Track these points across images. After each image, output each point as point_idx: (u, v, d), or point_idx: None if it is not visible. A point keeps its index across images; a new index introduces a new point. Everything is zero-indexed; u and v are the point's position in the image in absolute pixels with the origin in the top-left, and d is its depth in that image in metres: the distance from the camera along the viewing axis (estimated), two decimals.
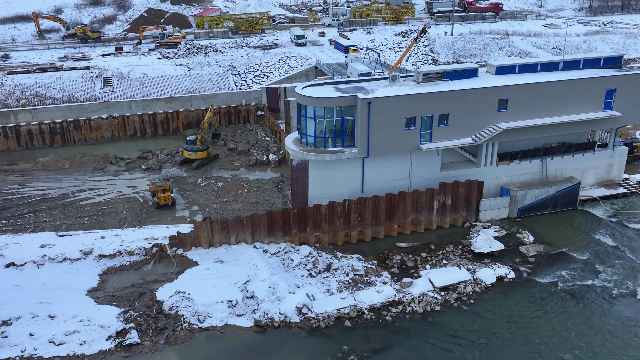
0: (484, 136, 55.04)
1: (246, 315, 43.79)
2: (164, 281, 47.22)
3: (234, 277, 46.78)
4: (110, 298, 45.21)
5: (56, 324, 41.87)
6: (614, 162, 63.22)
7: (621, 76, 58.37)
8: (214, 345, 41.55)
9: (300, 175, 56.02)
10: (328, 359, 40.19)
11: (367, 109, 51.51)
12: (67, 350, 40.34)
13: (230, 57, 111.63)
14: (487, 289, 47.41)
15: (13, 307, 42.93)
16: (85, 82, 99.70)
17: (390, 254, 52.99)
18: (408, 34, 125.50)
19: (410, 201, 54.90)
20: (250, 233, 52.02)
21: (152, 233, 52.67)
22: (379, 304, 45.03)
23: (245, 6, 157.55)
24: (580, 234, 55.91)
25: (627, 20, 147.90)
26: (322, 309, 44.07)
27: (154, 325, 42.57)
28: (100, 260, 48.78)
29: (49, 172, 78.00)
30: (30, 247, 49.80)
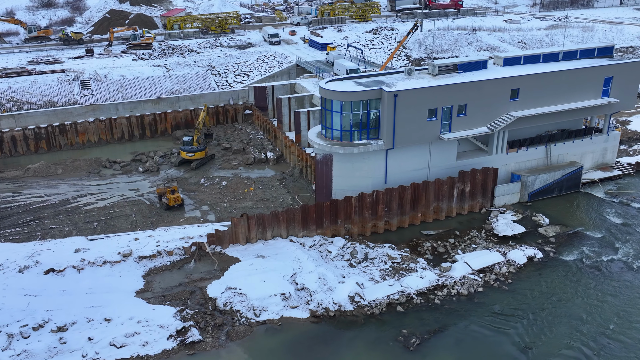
0: (499, 125, 57.56)
1: (300, 307, 44.44)
2: (210, 279, 47.18)
3: (280, 271, 47.28)
4: (161, 298, 44.86)
5: (114, 326, 41.30)
6: (608, 146, 67.24)
7: (617, 65, 62.22)
8: (275, 338, 42.02)
9: (325, 169, 56.92)
10: (391, 343, 41.41)
11: (394, 102, 52.99)
12: (130, 352, 39.94)
13: (207, 57, 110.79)
14: (520, 269, 49.82)
15: (65, 312, 42.01)
16: (62, 85, 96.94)
17: (419, 242, 54.69)
18: (379, 31, 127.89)
19: (432, 190, 56.79)
20: (285, 227, 52.58)
21: (187, 232, 52.39)
22: (424, 288, 46.63)
23: (209, 6, 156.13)
24: (589, 214, 59.29)
25: (578, 15, 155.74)
26: (374, 297, 45.26)
27: (212, 322, 42.63)
28: (140, 261, 48.22)
29: (41, 179, 75.69)
30: (64, 252, 48.64)
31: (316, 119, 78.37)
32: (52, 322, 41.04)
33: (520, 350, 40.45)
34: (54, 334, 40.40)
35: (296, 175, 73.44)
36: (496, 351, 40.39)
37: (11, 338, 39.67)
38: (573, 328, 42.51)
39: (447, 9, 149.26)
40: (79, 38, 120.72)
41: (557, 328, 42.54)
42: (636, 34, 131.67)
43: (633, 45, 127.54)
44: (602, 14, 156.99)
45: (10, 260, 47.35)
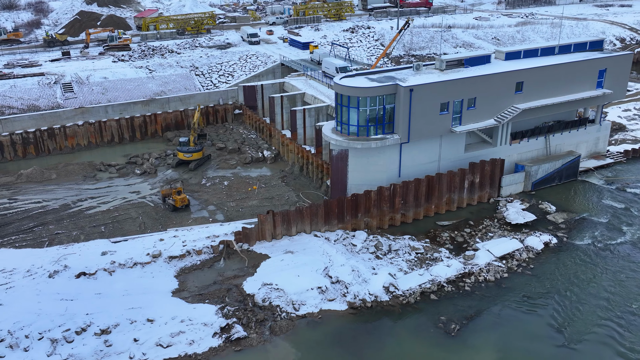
0: (505, 117, 59.57)
1: (338, 299, 45.14)
2: (244, 276, 47.35)
3: (312, 265, 47.85)
4: (199, 297, 44.80)
5: (157, 327, 41.09)
6: (600, 135, 70.33)
7: (610, 57, 65.22)
8: (318, 331, 42.62)
9: (340, 164, 57.71)
10: (432, 329, 42.61)
11: (409, 96, 54.24)
12: (178, 351, 39.88)
13: (189, 58, 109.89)
14: (539, 254, 51.84)
15: (106, 315, 41.53)
16: (44, 89, 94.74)
17: (437, 232, 56.13)
18: (356, 30, 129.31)
19: (445, 182, 58.33)
20: (309, 223, 53.16)
21: (212, 231, 52.31)
22: (453, 276, 48.04)
23: (180, 6, 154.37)
24: (591, 200, 61.96)
25: (543, 12, 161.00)
26: (407, 286, 46.37)
27: (254, 318, 42.89)
28: (170, 261, 47.96)
29: (35, 184, 73.97)
30: (91, 256, 47.92)
31: (312, 117, 79.15)
32: (94, 325, 40.52)
33: (556, 331, 42.22)
34: (98, 337, 39.92)
35: (296, 172, 73.95)
36: (533, 332, 42.05)
37: (55, 343, 39.01)
38: (599, 307, 44.58)
39: (419, 7, 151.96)
40: (64, 39, 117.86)
41: (584, 308, 44.54)
42: (601, 29, 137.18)
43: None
44: (565, 10, 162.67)
45: (36, 266, 46.36)
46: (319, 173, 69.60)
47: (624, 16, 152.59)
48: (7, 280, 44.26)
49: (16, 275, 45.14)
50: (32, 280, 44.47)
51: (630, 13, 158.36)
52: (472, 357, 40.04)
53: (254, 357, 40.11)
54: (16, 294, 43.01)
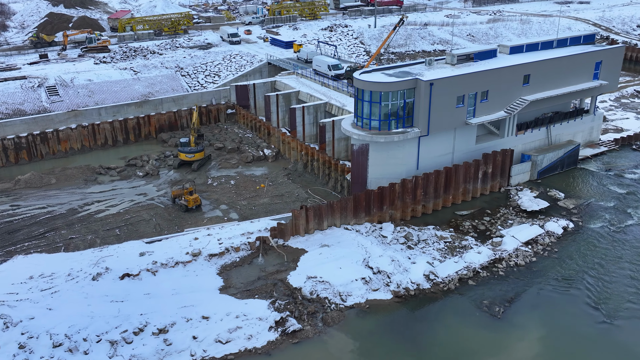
0: (515, 109, 61.91)
1: (382, 289, 46.21)
2: (286, 270, 47.83)
3: (350, 258, 48.76)
4: (247, 293, 45.05)
5: (213, 323, 41.21)
6: (594, 125, 73.77)
7: (605, 50, 68.58)
8: (368, 320, 43.60)
9: (361, 158, 58.77)
10: (477, 313, 44.20)
11: (429, 90, 55.81)
12: (237, 347, 40.15)
13: (172, 59, 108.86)
14: (559, 238, 54.26)
15: (160, 314, 41.35)
16: (27, 92, 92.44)
17: (458, 222, 57.91)
18: (334, 29, 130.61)
19: (461, 173, 60.20)
20: (339, 216, 54.04)
21: (246, 228, 52.46)
22: (486, 262, 49.84)
23: (151, 7, 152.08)
24: (594, 186, 65.02)
25: (508, 9, 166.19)
26: (445, 273, 47.87)
27: (305, 311, 43.51)
28: (211, 259, 47.97)
29: (35, 190, 72.27)
30: (129, 257, 47.43)
31: (310, 114, 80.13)
32: (151, 325, 40.31)
33: (593, 308, 44.48)
34: (156, 337, 39.77)
35: (300, 170, 74.58)
36: (572, 311, 44.21)
37: (115, 345, 38.67)
38: (627, 285, 47.17)
39: (391, 6, 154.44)
40: (51, 40, 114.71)
41: (614, 286, 47.03)
42: (567, 24, 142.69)
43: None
44: (529, 7, 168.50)
45: (76, 270, 45.62)
46: (325, 169, 70.45)
47: (585, 12, 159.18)
48: (50, 285, 43.42)
49: (58, 279, 44.32)
50: (75, 283, 43.76)
51: (590, 9, 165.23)
52: (520, 336, 41.78)
53: (312, 348, 40.74)
54: (63, 297, 42.27)
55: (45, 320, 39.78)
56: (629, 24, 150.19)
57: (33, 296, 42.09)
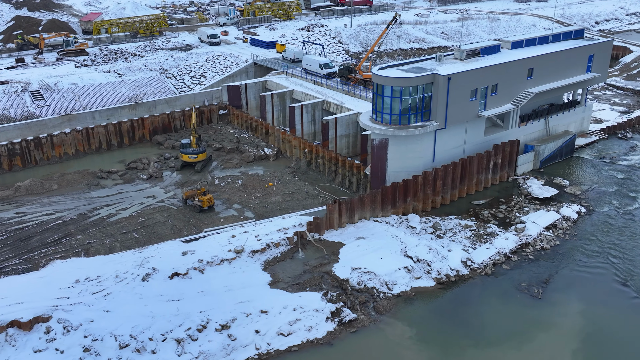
0: (521, 101, 64.67)
1: (424, 277, 47.76)
2: (329, 263, 48.72)
3: (388, 248, 50.10)
4: (296, 286, 45.72)
5: (273, 317, 41.77)
6: (585, 116, 77.59)
7: (597, 44, 72.38)
8: (417, 306, 45.08)
9: (380, 153, 60.20)
10: (518, 295, 46.38)
11: (447, 84, 57.77)
12: (300, 338, 40.90)
13: (154, 61, 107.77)
14: (575, 222, 57.17)
15: (219, 311, 41.60)
16: (11, 97, 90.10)
17: (476, 211, 60.10)
18: (311, 28, 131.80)
19: (475, 164, 62.47)
20: (368, 209, 55.29)
21: (281, 224, 52.96)
22: (514, 247, 52.09)
23: (120, 9, 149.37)
24: (594, 173, 68.52)
25: (473, 7, 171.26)
26: (480, 259, 49.84)
27: (356, 301, 44.57)
28: (254, 255, 48.37)
29: (37, 196, 70.72)
30: (171, 257, 47.28)
31: (309, 113, 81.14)
32: (213, 321, 40.54)
33: (622, 285, 47.33)
34: (220, 333, 40.04)
35: (304, 167, 75.45)
36: (604, 288, 46.95)
37: (182, 343, 38.75)
38: None
39: (361, 6, 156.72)
40: (37, 42, 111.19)
41: (637, 262, 50.01)
42: (531, 22, 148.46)
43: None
44: (492, 6, 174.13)
45: (122, 271, 45.20)
46: (331, 166, 71.59)
47: (545, 10, 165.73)
48: (100, 287, 42.93)
49: (106, 281, 43.84)
50: (126, 285, 43.40)
51: (549, 7, 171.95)
52: (562, 313, 44.16)
53: (371, 336, 41.87)
54: (118, 299, 41.91)
55: (105, 323, 39.41)
56: (588, 21, 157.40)
57: (86, 299, 41.55)
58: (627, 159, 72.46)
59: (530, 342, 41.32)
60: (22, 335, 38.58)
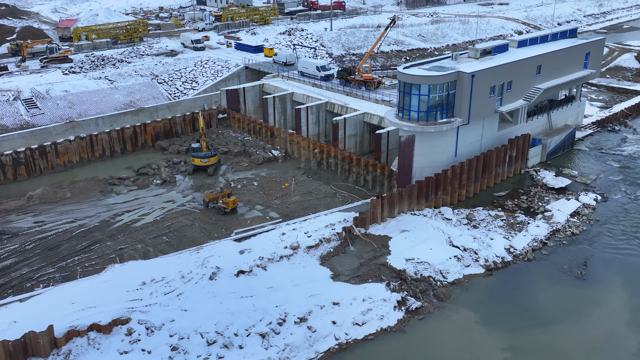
0: (532, 97, 68.06)
1: (472, 265, 49.96)
2: (382, 255, 50.25)
3: (434, 239, 52.09)
4: (357, 278, 47.03)
5: (345, 308, 42.98)
6: (579, 110, 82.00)
7: (592, 42, 76.78)
8: (473, 292, 47.21)
9: (407, 149, 62.24)
10: (563, 277, 49.21)
11: (471, 82, 60.39)
12: (374, 327, 42.33)
13: (143, 66, 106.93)
14: (595, 209, 60.67)
15: (294, 305, 42.49)
16: (3, 106, 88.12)
17: (500, 202, 62.87)
18: (292, 32, 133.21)
19: (494, 157, 65.35)
20: (405, 204, 57.15)
21: (327, 220, 54.00)
22: (548, 234, 55.01)
23: (93, 16, 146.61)
24: (596, 164, 72.63)
25: (440, 10, 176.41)
26: (521, 246, 52.46)
27: (417, 290, 46.29)
28: (309, 251, 49.37)
29: (52, 204, 69.51)
30: (230, 256, 47.71)
31: (313, 114, 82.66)
32: (290, 314, 41.42)
33: None
34: (299, 325, 40.97)
35: (314, 168, 76.73)
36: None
37: (267, 336, 39.49)
38: None
39: (335, 10, 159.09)
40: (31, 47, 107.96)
41: None
42: (500, 24, 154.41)
43: (502, 34, 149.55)
44: (459, 9, 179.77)
45: (185, 272, 45.37)
46: (345, 165, 73.16)
47: (509, 12, 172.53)
48: (170, 288, 43.05)
49: (173, 282, 43.96)
50: (195, 284, 43.67)
51: (512, 10, 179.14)
52: (607, 290, 47.40)
53: (438, 322, 43.66)
54: (191, 298, 42.17)
55: (186, 321, 39.71)
56: (551, 22, 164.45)
57: (160, 300, 41.65)
58: (621, 150, 77.02)
59: (586, 318, 44.05)
60: (103, 338, 38.43)
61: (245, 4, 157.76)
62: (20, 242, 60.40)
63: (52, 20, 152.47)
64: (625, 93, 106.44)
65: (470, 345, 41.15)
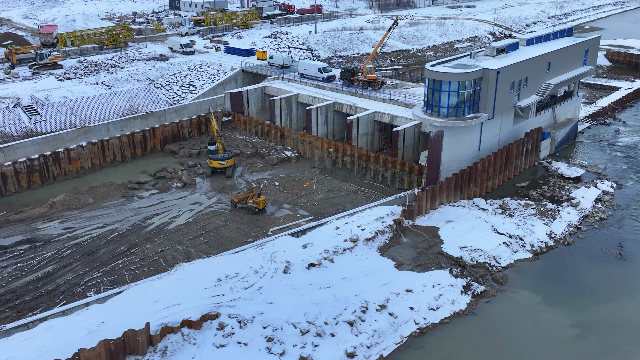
0: (544, 92, 71.71)
1: (520, 250, 52.65)
2: (435, 245, 52.27)
3: (480, 228, 54.56)
4: (420, 267, 48.89)
5: (418, 294, 44.77)
6: (577, 105, 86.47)
7: (590, 40, 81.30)
8: (527, 276, 49.92)
9: (436, 144, 64.64)
10: (604, 257, 52.54)
11: (496, 78, 63.34)
12: (448, 311, 44.36)
13: (137, 71, 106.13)
14: (613, 195, 64.54)
15: (370, 293, 43.96)
16: (4, 114, 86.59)
17: (524, 192, 65.99)
18: (278, 36, 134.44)
19: (514, 150, 68.56)
20: (445, 196, 59.45)
21: (377, 213, 55.63)
22: (579, 219, 58.32)
23: (70, 21, 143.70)
24: (600, 154, 76.97)
25: (413, 13, 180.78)
26: (559, 231, 55.53)
27: (477, 275, 48.55)
28: (367, 243, 50.90)
29: (77, 210, 68.78)
30: (294, 250, 48.66)
31: (322, 114, 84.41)
32: (370, 302, 42.89)
33: None
34: (381, 312, 42.50)
35: (329, 167, 78.39)
36: None
37: (354, 324, 40.84)
38: None
39: (312, 13, 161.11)
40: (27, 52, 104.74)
41: None
42: (474, 26, 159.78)
43: (477, 35, 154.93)
44: (431, 11, 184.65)
45: (256, 267, 46.10)
46: (362, 163, 75.08)
47: (477, 15, 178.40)
48: (249, 283, 43.77)
49: (249, 277, 44.66)
50: (270, 278, 44.54)
51: (479, 12, 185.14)
52: None
53: (504, 304, 46.01)
54: (272, 291, 43.04)
55: (275, 313, 40.63)
56: (519, 23, 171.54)
57: (242, 294, 42.37)
58: (619, 141, 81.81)
59: (637, 293, 47.18)
60: (196, 334, 38.95)
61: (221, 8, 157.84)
62: (56, 249, 59.68)
63: (26, 27, 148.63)
64: (603, 89, 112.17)
65: (541, 324, 43.60)
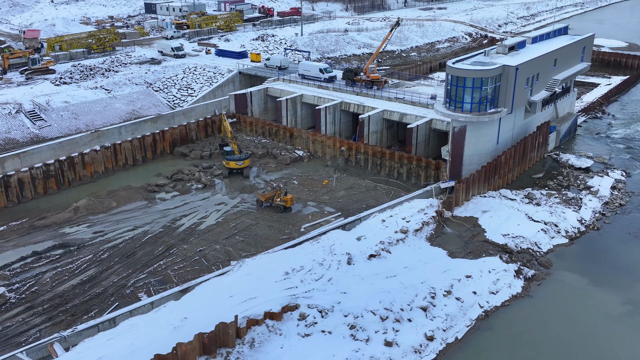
0: (552, 87, 75.20)
1: (556, 236, 55.43)
2: (479, 234, 54.51)
3: (516, 217, 57.11)
4: (471, 254, 50.98)
5: (477, 279, 46.81)
6: (572, 100, 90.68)
7: (586, 38, 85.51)
8: (568, 260, 52.66)
9: (459, 139, 67.06)
10: (633, 240, 55.78)
11: (515, 74, 66.26)
12: (507, 295, 46.58)
13: (133, 75, 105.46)
14: (625, 183, 68.35)
15: (434, 280, 45.74)
16: (8, 119, 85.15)
17: (542, 183, 69.11)
18: (265, 38, 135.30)
19: (529, 143, 71.72)
20: (476, 187, 61.86)
21: (418, 205, 57.46)
22: (601, 206, 61.68)
23: (50, 26, 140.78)
24: (602, 146, 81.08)
25: (389, 14, 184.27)
26: (588, 217, 58.66)
27: (524, 260, 51.01)
28: (416, 234, 52.69)
29: (103, 214, 68.33)
30: (350, 243, 50.02)
31: (330, 114, 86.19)
32: (437, 288, 44.66)
33: None
34: (448, 297, 44.33)
35: (341, 165, 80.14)
36: None
37: (427, 309, 42.54)
38: None
39: (292, 16, 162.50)
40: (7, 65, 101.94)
41: None
42: (451, 27, 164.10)
43: (455, 36, 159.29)
44: (407, 13, 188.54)
45: (318, 260, 47.22)
46: (376, 160, 77.06)
47: (450, 16, 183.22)
48: (317, 275, 44.84)
49: (316, 269, 45.72)
50: (337, 270, 45.76)
51: (451, 13, 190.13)
52: None
53: (555, 285, 48.56)
54: (343, 282, 44.25)
55: (351, 302, 41.92)
56: (492, 24, 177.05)
57: (315, 286, 43.46)
58: (614, 133, 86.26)
59: None
60: (279, 324, 39.90)
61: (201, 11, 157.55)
62: (92, 252, 59.35)
63: (3, 32, 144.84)
64: (582, 85, 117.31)
65: (593, 303, 46.27)
